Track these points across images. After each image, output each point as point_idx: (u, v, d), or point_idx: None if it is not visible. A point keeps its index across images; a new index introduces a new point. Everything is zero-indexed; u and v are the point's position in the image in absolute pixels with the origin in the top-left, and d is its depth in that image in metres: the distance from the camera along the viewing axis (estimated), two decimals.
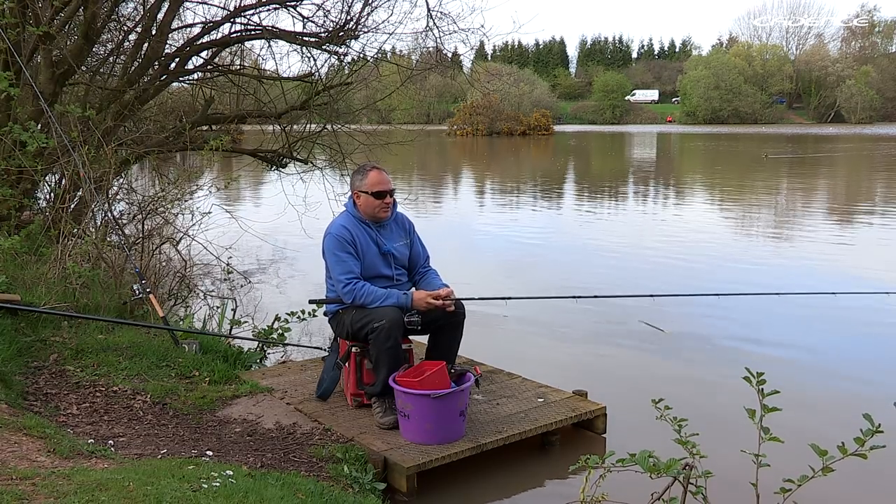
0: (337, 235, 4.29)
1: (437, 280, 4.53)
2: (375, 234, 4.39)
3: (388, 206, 4.38)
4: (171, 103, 11.46)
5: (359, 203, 4.37)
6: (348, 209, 4.45)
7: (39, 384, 4.28)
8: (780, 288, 8.51)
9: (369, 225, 4.39)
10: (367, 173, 4.35)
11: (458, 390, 3.98)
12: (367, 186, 4.33)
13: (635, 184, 24.23)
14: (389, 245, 4.42)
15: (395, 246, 4.45)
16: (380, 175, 4.35)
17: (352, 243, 4.29)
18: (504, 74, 35.47)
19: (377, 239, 4.39)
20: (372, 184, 4.33)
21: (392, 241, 4.45)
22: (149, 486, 2.71)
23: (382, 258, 4.40)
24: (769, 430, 2.30)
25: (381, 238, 4.40)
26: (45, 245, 6.32)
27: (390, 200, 4.40)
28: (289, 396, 4.69)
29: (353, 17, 9.20)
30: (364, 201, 4.35)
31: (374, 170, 4.37)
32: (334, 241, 4.29)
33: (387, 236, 4.43)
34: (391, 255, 4.42)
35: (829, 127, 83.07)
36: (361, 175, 4.38)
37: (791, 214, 16.46)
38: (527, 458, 4.31)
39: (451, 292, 4.31)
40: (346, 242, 4.28)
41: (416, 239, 4.63)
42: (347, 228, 4.32)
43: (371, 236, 4.37)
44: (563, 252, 11.66)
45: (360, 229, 4.36)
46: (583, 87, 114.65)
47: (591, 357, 6.43)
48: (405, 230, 4.57)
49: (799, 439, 2.58)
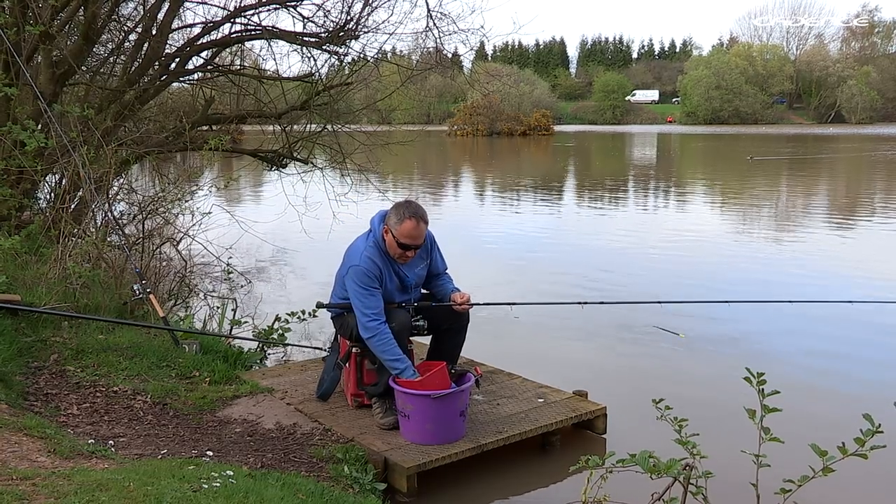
0: (367, 270, 4.18)
1: (449, 285, 4.52)
2: (398, 267, 4.33)
3: (408, 258, 4.29)
4: (172, 103, 11.46)
5: (386, 238, 4.25)
6: (375, 237, 4.30)
7: (40, 384, 4.28)
8: (789, 291, 8.55)
9: (394, 258, 4.31)
10: (403, 220, 4.16)
11: (458, 391, 3.99)
12: (397, 233, 4.17)
13: (637, 183, 24.23)
14: (411, 275, 4.38)
15: (415, 272, 4.41)
16: (415, 229, 4.18)
17: (379, 279, 4.23)
18: (504, 75, 35.40)
19: (399, 271, 4.33)
20: (403, 234, 4.17)
21: (413, 268, 4.39)
22: (149, 486, 2.71)
23: (401, 288, 4.37)
24: (769, 431, 2.30)
25: (403, 270, 4.35)
26: (45, 245, 6.32)
27: (412, 255, 4.29)
28: (289, 397, 4.69)
29: (353, 18, 9.21)
30: (389, 241, 4.22)
31: (412, 220, 4.16)
32: (363, 276, 4.17)
33: (408, 266, 4.37)
34: (411, 285, 4.40)
35: (830, 127, 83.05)
36: (399, 218, 4.18)
37: (795, 215, 16.46)
38: (527, 459, 4.32)
39: (468, 298, 4.33)
40: (375, 277, 4.20)
41: (437, 253, 4.56)
42: (377, 265, 4.22)
43: (395, 269, 4.32)
44: (568, 252, 11.67)
45: (386, 264, 4.28)
46: (583, 88, 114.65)
47: (591, 357, 6.44)
48: (426, 250, 4.45)
49: (799, 440, 2.58)
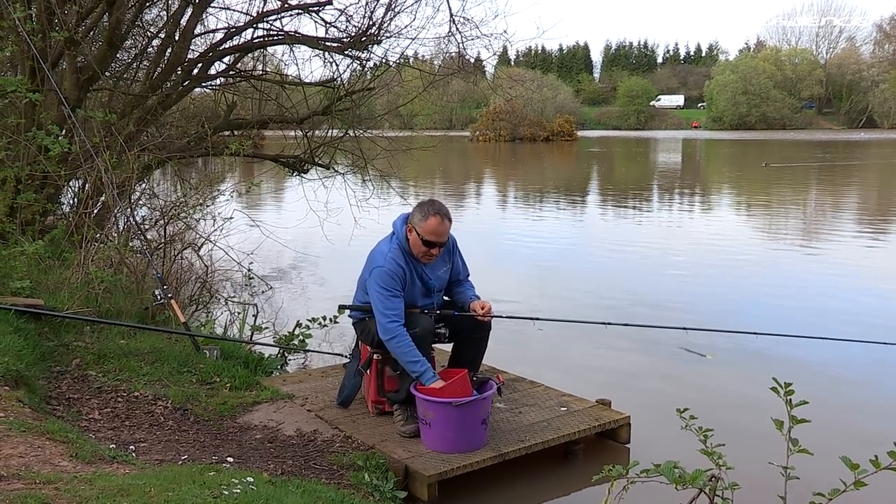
0: (391, 272, 4.18)
1: (469, 291, 4.51)
2: (421, 269, 4.33)
3: (432, 256, 4.29)
4: (194, 109, 11.55)
5: (410, 237, 4.26)
6: (398, 237, 4.31)
7: (62, 389, 4.33)
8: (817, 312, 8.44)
9: (417, 259, 4.31)
10: (428, 218, 4.18)
11: (480, 398, 3.98)
12: (421, 230, 4.19)
13: (662, 191, 24.07)
14: (434, 279, 4.38)
15: (438, 275, 4.41)
16: (440, 226, 4.20)
17: (402, 281, 4.23)
18: (527, 80, 35.36)
19: (423, 274, 4.33)
20: (427, 231, 4.18)
21: (436, 270, 4.40)
22: (170, 491, 2.73)
23: (425, 291, 4.37)
24: (798, 442, 2.27)
25: (427, 273, 4.35)
26: (68, 250, 6.38)
27: (437, 253, 4.30)
28: (309, 403, 4.71)
29: (375, 23, 9.26)
30: (413, 240, 4.23)
31: (437, 217, 4.19)
32: (386, 277, 4.17)
33: (431, 267, 4.37)
34: (434, 288, 4.40)
35: (861, 132, 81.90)
36: (423, 215, 4.20)
37: (824, 224, 16.28)
38: (549, 468, 4.30)
39: (489, 308, 4.32)
40: (399, 280, 4.20)
41: (458, 257, 4.57)
42: (401, 267, 4.22)
43: (417, 272, 4.32)
44: (593, 262, 11.58)
45: (409, 265, 4.28)
46: (607, 93, 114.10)
47: (614, 366, 6.39)
48: (448, 252, 4.47)
49: (829, 452, 2.55)
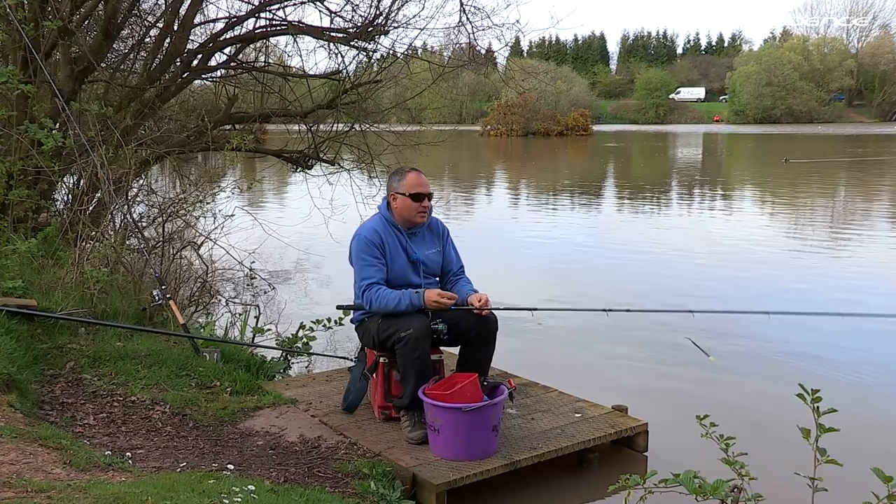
0: (367, 238, 4.31)
1: (466, 286, 4.51)
2: (406, 241, 4.39)
3: (425, 210, 4.39)
4: (193, 102, 11.57)
5: (394, 205, 4.38)
6: (381, 212, 4.46)
7: (55, 393, 4.34)
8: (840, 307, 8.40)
9: (401, 231, 4.40)
10: (405, 175, 4.39)
11: (490, 404, 3.97)
12: (404, 188, 4.35)
13: (681, 188, 24.01)
14: (420, 253, 4.42)
15: (426, 254, 4.45)
16: (419, 177, 4.38)
17: (380, 248, 4.30)
18: (540, 72, 35.36)
19: (407, 246, 4.39)
20: (410, 185, 4.35)
21: (423, 248, 4.45)
22: (167, 500, 2.73)
23: (412, 266, 4.40)
24: (826, 452, 2.25)
25: (412, 245, 4.41)
26: (62, 248, 6.41)
27: (428, 204, 4.41)
28: (313, 408, 4.71)
29: (382, 12, 9.26)
30: (401, 203, 4.36)
31: (413, 171, 4.41)
32: (363, 244, 4.30)
33: (418, 243, 4.44)
34: (421, 263, 4.42)
35: (895, 126, 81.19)
36: (399, 176, 4.41)
37: (852, 222, 16.20)
38: (563, 477, 4.29)
39: (487, 299, 4.29)
40: (375, 246, 4.29)
41: (451, 247, 4.63)
42: (378, 232, 4.33)
43: (401, 243, 4.38)
44: (607, 259, 11.59)
45: (390, 234, 4.36)
46: (624, 85, 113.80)
47: (630, 371, 6.38)
48: (439, 236, 4.57)
49: (859, 463, 2.53)
